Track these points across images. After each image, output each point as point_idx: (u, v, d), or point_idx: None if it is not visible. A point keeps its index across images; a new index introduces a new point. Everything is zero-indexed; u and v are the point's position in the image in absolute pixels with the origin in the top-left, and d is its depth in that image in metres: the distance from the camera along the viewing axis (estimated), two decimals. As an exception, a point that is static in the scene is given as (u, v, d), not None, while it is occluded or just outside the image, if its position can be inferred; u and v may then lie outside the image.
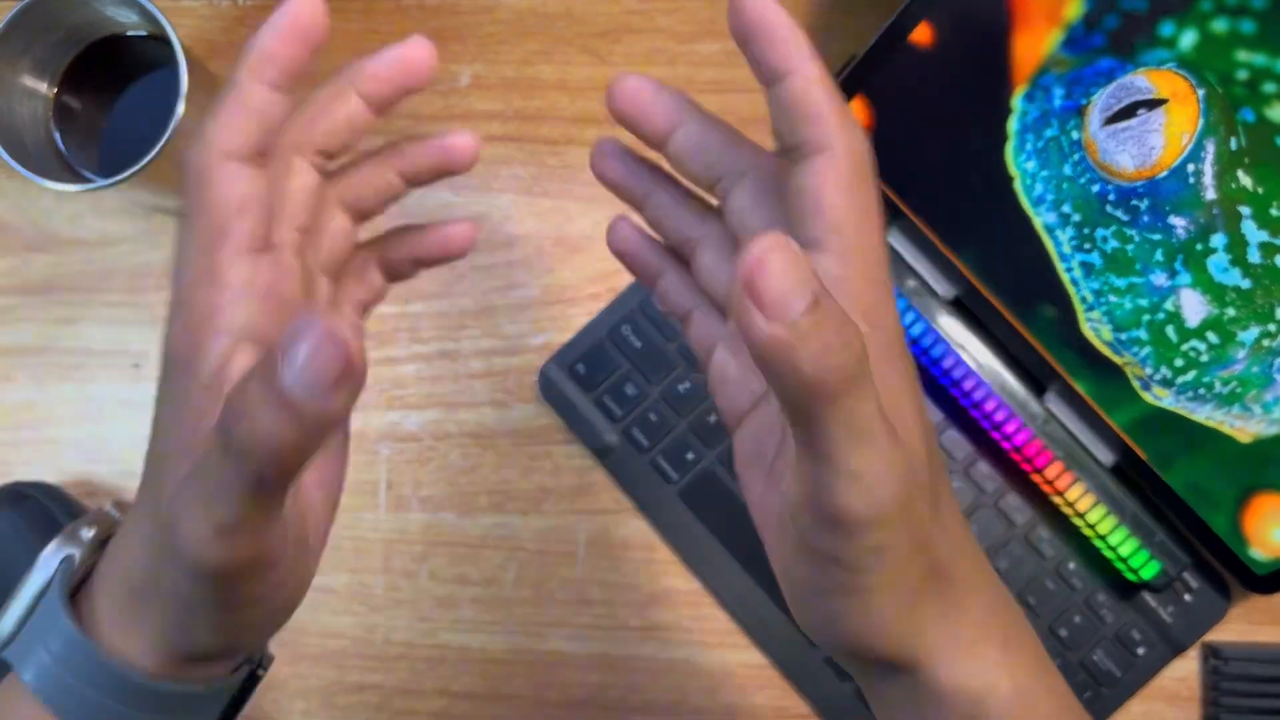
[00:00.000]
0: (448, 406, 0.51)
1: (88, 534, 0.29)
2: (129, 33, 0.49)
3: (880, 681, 0.27)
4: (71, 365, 0.52)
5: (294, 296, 0.26)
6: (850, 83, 0.47)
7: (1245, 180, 0.40)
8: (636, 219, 0.31)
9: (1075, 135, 0.42)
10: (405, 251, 0.32)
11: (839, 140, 0.24)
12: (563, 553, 0.51)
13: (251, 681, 0.30)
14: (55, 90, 0.48)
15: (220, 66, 0.53)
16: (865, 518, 0.22)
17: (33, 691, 0.26)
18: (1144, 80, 0.40)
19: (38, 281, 0.53)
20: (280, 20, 0.25)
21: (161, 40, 0.47)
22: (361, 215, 0.31)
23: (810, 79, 0.24)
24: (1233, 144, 0.39)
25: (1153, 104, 0.40)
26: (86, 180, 0.47)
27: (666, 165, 0.29)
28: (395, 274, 0.32)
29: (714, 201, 0.29)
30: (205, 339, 0.25)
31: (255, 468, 0.21)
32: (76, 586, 0.28)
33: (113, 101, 0.49)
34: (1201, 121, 0.39)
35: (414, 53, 0.29)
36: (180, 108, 0.43)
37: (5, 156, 0.43)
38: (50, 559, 0.28)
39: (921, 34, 0.44)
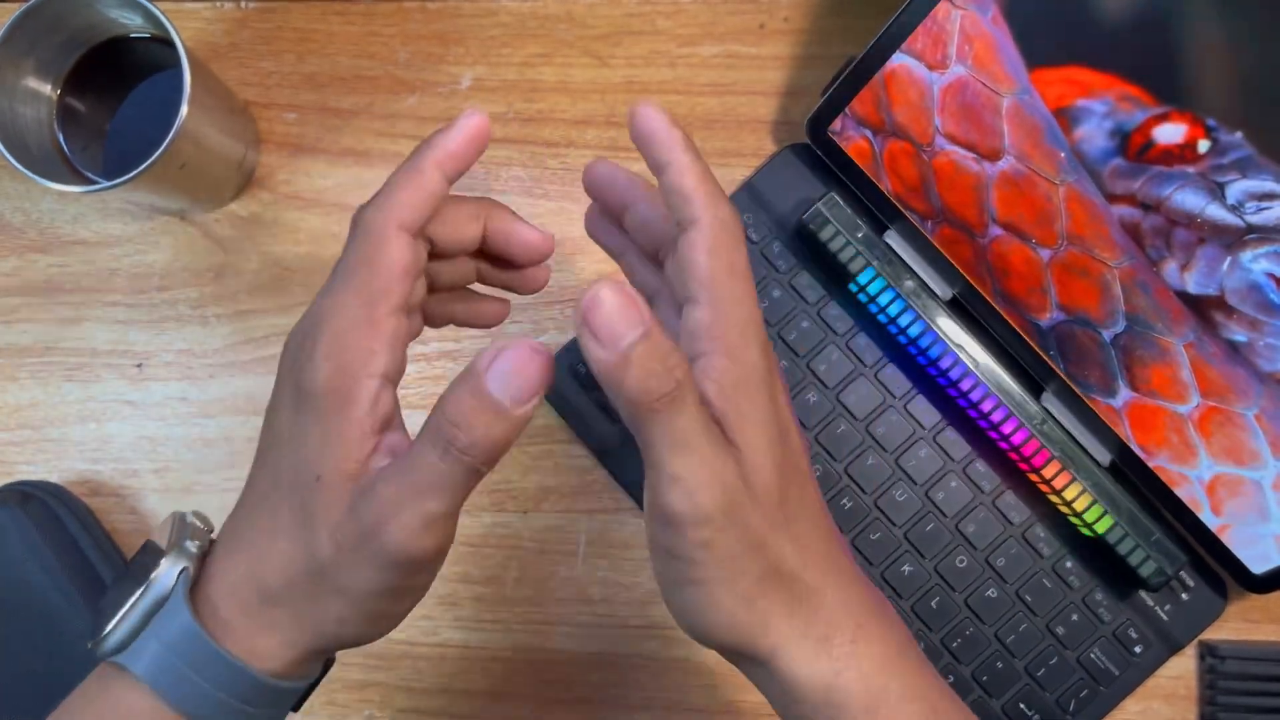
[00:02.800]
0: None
1: (194, 547, 0.31)
2: (132, 35, 0.49)
3: (748, 669, 0.30)
4: (75, 365, 0.53)
5: (406, 344, 0.31)
6: (851, 80, 0.47)
7: None
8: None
9: None
10: (448, 309, 0.37)
11: (705, 213, 0.29)
12: (564, 551, 0.51)
13: (326, 670, 0.34)
14: (59, 92, 0.49)
15: (223, 69, 0.53)
16: (686, 516, 0.27)
17: (150, 685, 0.29)
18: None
19: (41, 282, 0.53)
20: (466, 125, 0.31)
21: (165, 42, 0.48)
22: (433, 287, 0.36)
23: (681, 168, 0.29)
24: None
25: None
26: (90, 181, 0.47)
27: None
28: (430, 322, 0.37)
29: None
30: (361, 380, 0.29)
31: (474, 463, 0.27)
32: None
33: (116, 103, 0.49)
34: None
35: (542, 243, 0.35)
36: (183, 110, 0.44)
37: (9, 158, 0.44)
38: (168, 573, 0.30)
39: None
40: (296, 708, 0.33)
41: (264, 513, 0.30)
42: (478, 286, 0.37)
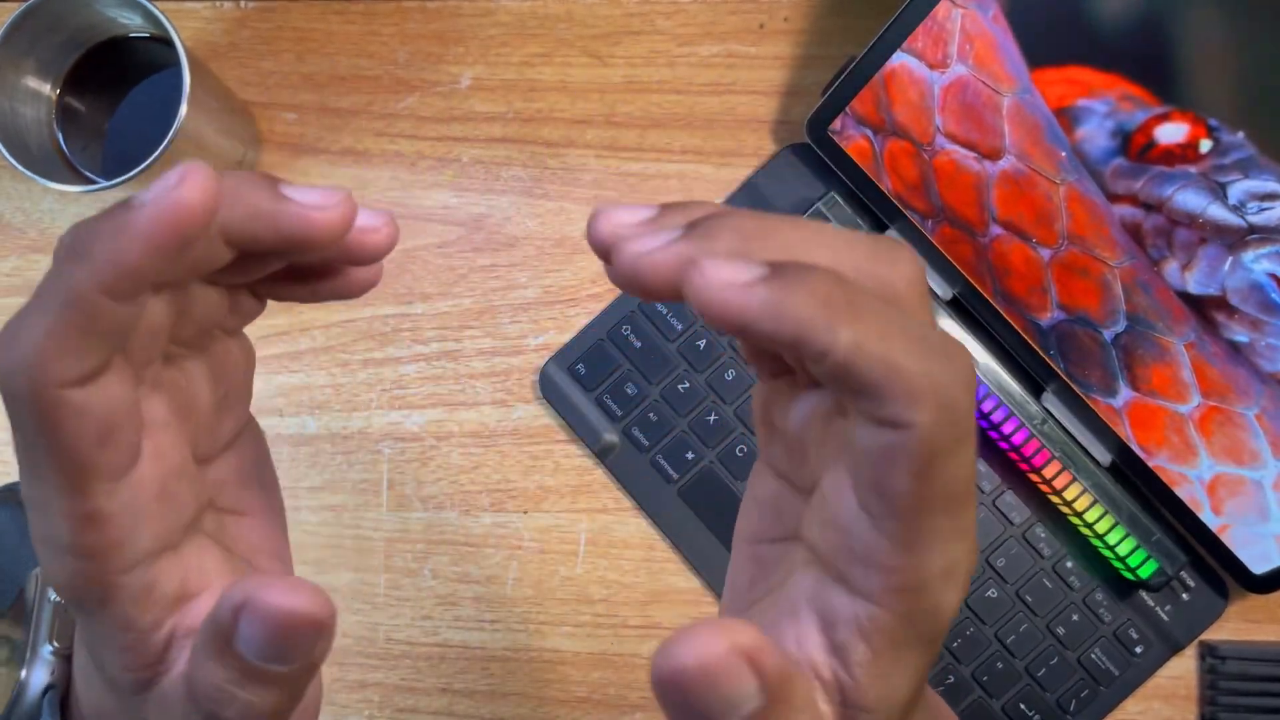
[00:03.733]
0: (449, 406, 0.52)
1: (49, 652, 0.26)
2: (132, 35, 0.49)
3: None
4: (75, 365, 0.52)
5: (179, 461, 0.22)
6: (852, 79, 0.47)
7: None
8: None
9: None
10: (278, 292, 0.26)
11: (920, 414, 0.17)
12: (563, 551, 0.51)
13: None
14: (58, 92, 0.49)
15: (222, 69, 0.53)
16: None
17: None
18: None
19: (41, 282, 0.53)
20: (151, 218, 0.18)
21: (164, 42, 0.48)
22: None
23: (844, 357, 0.17)
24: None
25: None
26: (90, 181, 0.47)
27: None
28: (276, 297, 0.26)
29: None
30: (111, 580, 0.20)
31: None
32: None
33: (116, 103, 0.49)
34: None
35: (320, 216, 0.21)
36: (183, 110, 0.44)
37: (9, 158, 0.44)
38: (31, 690, 0.26)
39: None
40: None
41: (95, 669, 0.24)
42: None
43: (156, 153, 0.43)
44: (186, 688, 0.20)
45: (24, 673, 0.26)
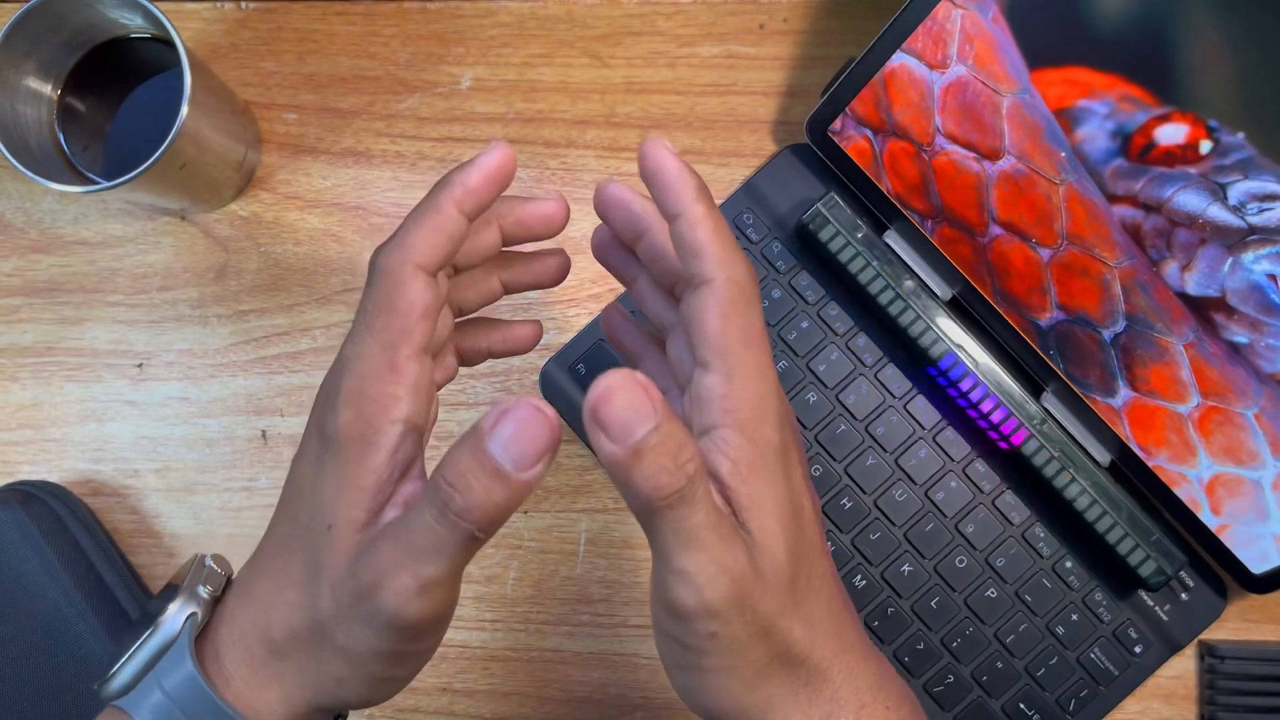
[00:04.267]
0: (449, 406, 0.52)
1: (204, 592, 0.30)
2: (133, 35, 0.49)
3: None
4: (75, 365, 0.53)
5: (432, 388, 0.30)
6: (852, 80, 0.47)
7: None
8: (622, 310, 0.37)
9: None
10: (480, 343, 0.36)
11: (719, 272, 0.27)
12: (563, 551, 0.51)
13: None
14: (59, 92, 0.49)
15: (223, 69, 0.53)
16: (693, 610, 0.26)
17: None
18: (1140, 82, 0.40)
19: (42, 282, 0.53)
20: (486, 162, 0.29)
21: (165, 43, 0.48)
22: (461, 312, 0.35)
23: (695, 219, 0.28)
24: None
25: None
26: (90, 182, 0.47)
27: None
28: (466, 360, 0.36)
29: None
30: (382, 426, 0.28)
31: (470, 529, 0.25)
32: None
33: (116, 103, 0.49)
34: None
35: (557, 211, 0.33)
36: (183, 110, 0.44)
37: (9, 158, 0.44)
38: (175, 617, 0.30)
39: None
40: None
41: (279, 561, 0.29)
42: (503, 305, 0.37)
43: (157, 153, 0.43)
44: (430, 486, 0.26)
45: (175, 604, 0.30)
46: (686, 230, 0.28)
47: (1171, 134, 0.42)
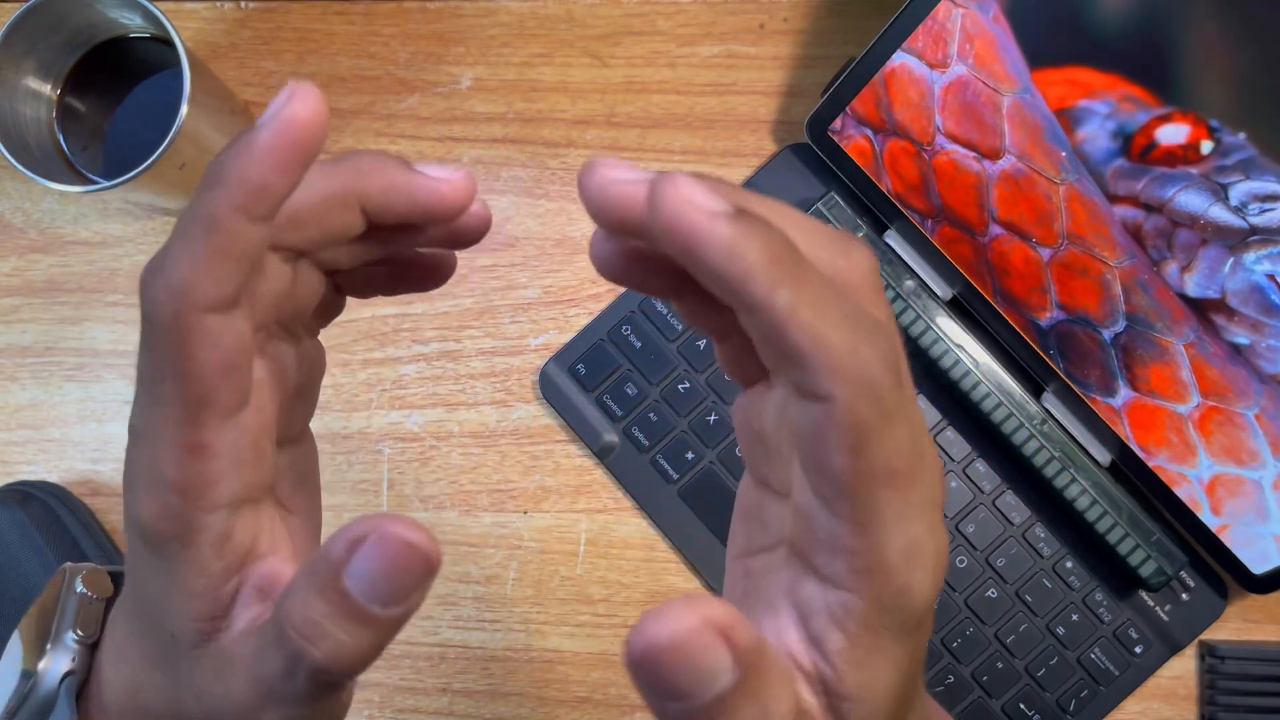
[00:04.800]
0: (449, 406, 0.52)
1: (72, 640, 0.26)
2: (132, 35, 0.49)
3: None
4: (75, 365, 0.53)
5: (271, 419, 0.23)
6: (852, 80, 0.47)
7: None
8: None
9: None
10: (367, 285, 0.27)
11: (839, 388, 0.18)
12: (563, 551, 0.51)
13: None
14: (59, 92, 0.49)
15: (223, 69, 0.53)
16: None
17: None
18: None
19: (41, 282, 0.53)
20: (270, 138, 0.19)
21: (165, 42, 0.48)
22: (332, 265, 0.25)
23: (782, 314, 0.18)
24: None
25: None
26: (90, 181, 0.47)
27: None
28: (357, 294, 0.27)
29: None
30: (197, 519, 0.21)
31: (333, 680, 0.21)
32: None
33: (116, 103, 0.49)
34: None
35: (449, 188, 0.23)
36: (183, 109, 0.44)
37: (9, 158, 0.44)
38: (50, 674, 0.25)
39: None
40: None
41: (137, 634, 0.24)
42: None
43: (157, 153, 0.43)
44: (273, 630, 0.20)
45: (45, 659, 0.25)
46: (769, 332, 0.18)
47: (1173, 134, 0.42)
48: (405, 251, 0.26)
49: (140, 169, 0.43)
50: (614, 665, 0.51)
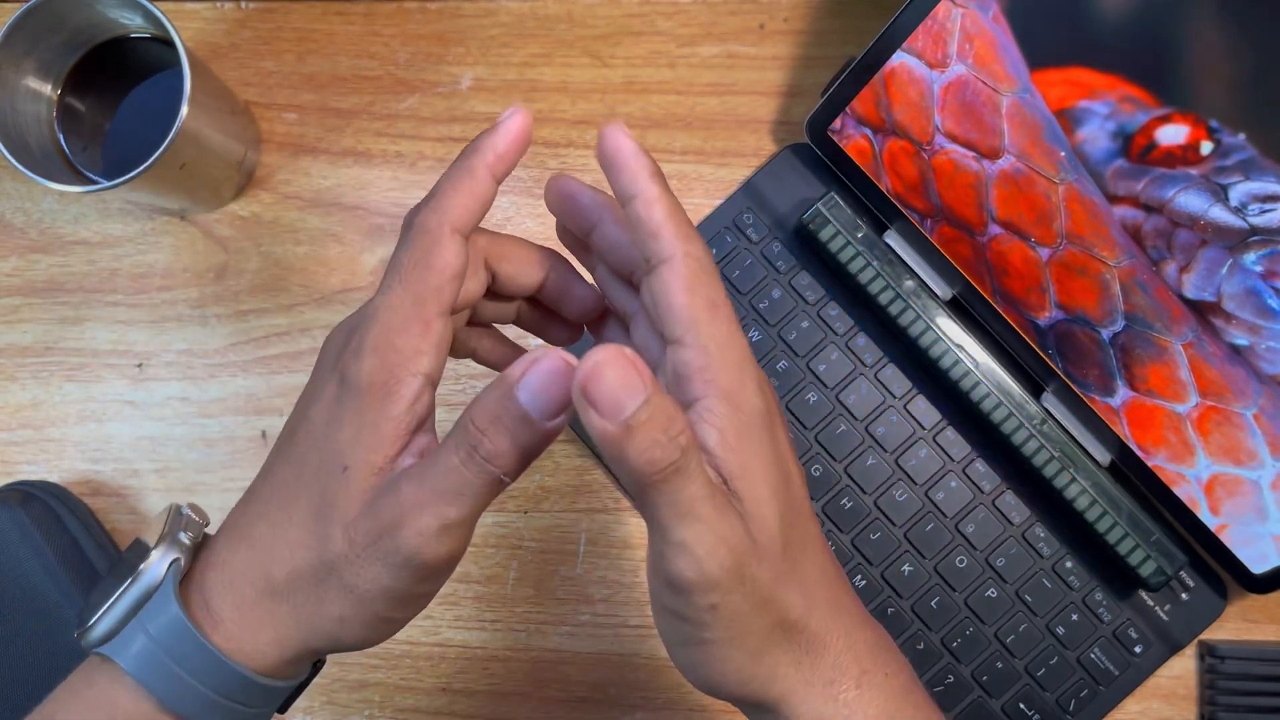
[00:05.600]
0: (449, 406, 0.52)
1: (186, 538, 0.31)
2: (132, 35, 0.49)
3: (756, 716, 0.30)
4: (75, 365, 0.53)
5: (450, 340, 0.31)
6: (852, 80, 0.47)
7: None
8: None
9: None
10: (470, 346, 0.36)
11: (678, 247, 0.28)
12: (563, 551, 0.51)
13: (315, 671, 0.34)
14: (59, 92, 0.49)
15: (223, 69, 0.53)
16: (694, 582, 0.26)
17: (135, 678, 0.29)
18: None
19: (42, 282, 0.53)
20: (511, 125, 0.30)
21: (165, 43, 0.48)
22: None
23: (650, 199, 0.28)
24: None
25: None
26: (90, 181, 0.47)
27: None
28: (454, 351, 0.36)
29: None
30: (404, 377, 0.29)
31: (497, 473, 0.27)
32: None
33: (116, 103, 0.49)
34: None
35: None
36: (183, 110, 0.44)
37: (9, 158, 0.44)
38: (158, 563, 0.30)
39: None
40: (283, 709, 0.33)
41: (277, 503, 0.30)
42: (508, 329, 0.37)
43: (157, 153, 0.43)
44: (457, 430, 0.27)
45: (158, 550, 0.30)
46: (643, 210, 0.28)
47: (1172, 135, 0.42)
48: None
49: (140, 169, 0.43)
50: (614, 665, 0.51)
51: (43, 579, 0.47)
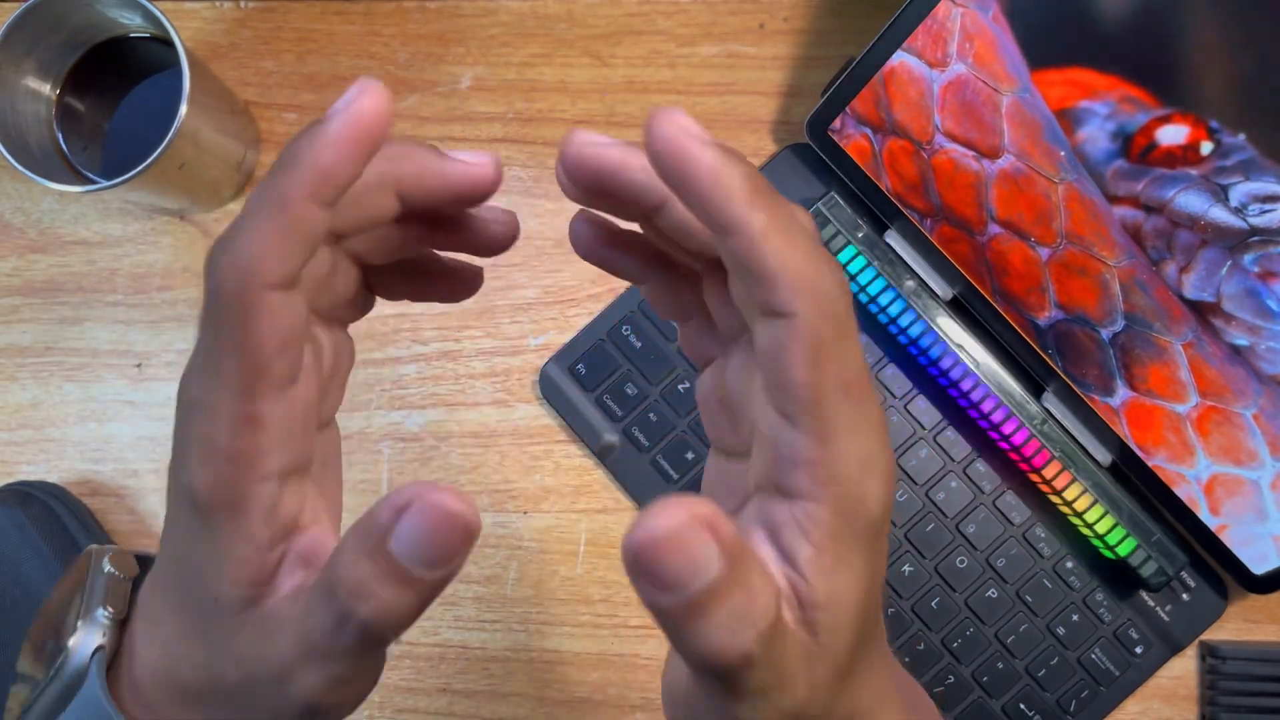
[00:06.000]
0: (449, 406, 0.52)
1: (105, 617, 0.27)
2: (132, 35, 0.49)
3: None
4: (75, 365, 0.52)
5: (315, 399, 0.24)
6: (852, 80, 0.47)
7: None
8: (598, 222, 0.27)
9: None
10: (395, 288, 0.28)
11: (802, 302, 0.20)
12: (563, 551, 0.51)
13: None
14: (58, 92, 0.49)
15: (222, 69, 0.53)
16: None
17: None
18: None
19: (41, 282, 0.53)
20: (342, 125, 0.20)
21: (164, 42, 0.48)
22: (363, 261, 0.27)
23: (753, 238, 0.20)
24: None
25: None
26: (89, 181, 0.47)
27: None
28: (387, 295, 0.28)
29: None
30: (247, 488, 0.22)
31: (378, 636, 0.22)
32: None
33: (115, 103, 0.49)
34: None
35: (479, 170, 0.25)
36: (182, 109, 0.44)
37: (9, 157, 0.44)
38: (80, 650, 0.26)
39: None
40: None
41: (173, 609, 0.25)
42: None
43: (156, 153, 0.43)
44: (322, 589, 0.22)
45: (76, 635, 0.26)
46: (744, 252, 0.20)
47: (1172, 135, 0.42)
48: (435, 259, 0.28)
49: (140, 169, 0.43)
50: (614, 665, 0.51)
51: (43, 579, 0.47)
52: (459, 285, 0.28)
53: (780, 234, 0.20)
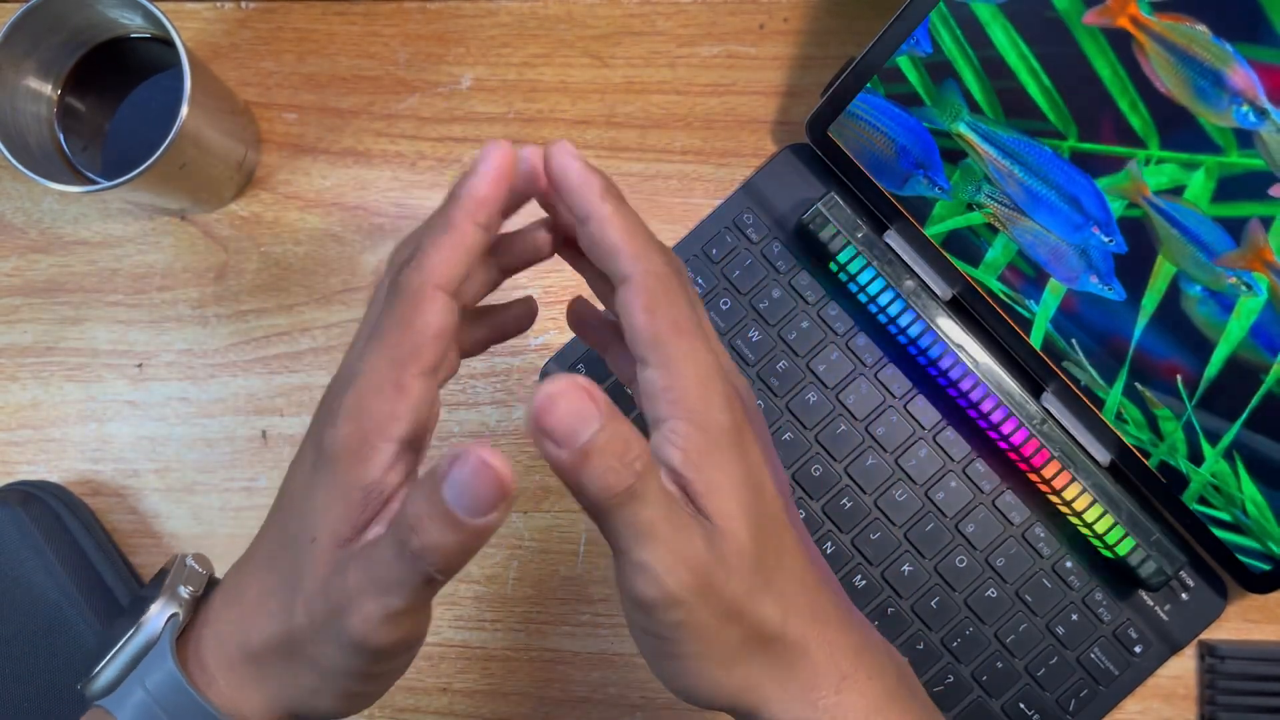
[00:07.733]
0: (449, 406, 0.52)
1: (186, 592, 0.31)
2: (133, 35, 0.49)
3: None
4: (75, 365, 0.53)
5: (435, 402, 0.30)
6: (852, 80, 0.47)
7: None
8: (585, 302, 0.36)
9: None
10: (479, 334, 0.35)
11: (635, 266, 0.28)
12: (564, 551, 0.51)
13: None
14: (59, 92, 0.49)
15: (223, 69, 0.53)
16: (656, 600, 0.26)
17: None
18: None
19: (42, 282, 0.53)
20: (487, 167, 0.28)
21: (165, 43, 0.48)
22: (463, 307, 0.33)
23: (603, 219, 0.28)
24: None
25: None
26: (90, 181, 0.47)
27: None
28: (467, 352, 0.35)
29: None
30: (377, 444, 0.27)
31: (427, 570, 0.25)
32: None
33: (116, 103, 0.49)
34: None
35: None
36: (183, 110, 0.44)
37: (9, 158, 0.44)
38: (157, 617, 0.30)
39: None
40: None
41: (263, 567, 0.30)
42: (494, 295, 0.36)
43: (157, 153, 0.43)
44: (392, 524, 0.26)
45: (157, 604, 0.30)
46: (597, 231, 0.28)
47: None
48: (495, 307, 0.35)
49: (141, 169, 0.43)
50: (614, 665, 0.51)
51: (43, 579, 0.47)
52: (524, 311, 0.36)
53: (622, 220, 0.29)
